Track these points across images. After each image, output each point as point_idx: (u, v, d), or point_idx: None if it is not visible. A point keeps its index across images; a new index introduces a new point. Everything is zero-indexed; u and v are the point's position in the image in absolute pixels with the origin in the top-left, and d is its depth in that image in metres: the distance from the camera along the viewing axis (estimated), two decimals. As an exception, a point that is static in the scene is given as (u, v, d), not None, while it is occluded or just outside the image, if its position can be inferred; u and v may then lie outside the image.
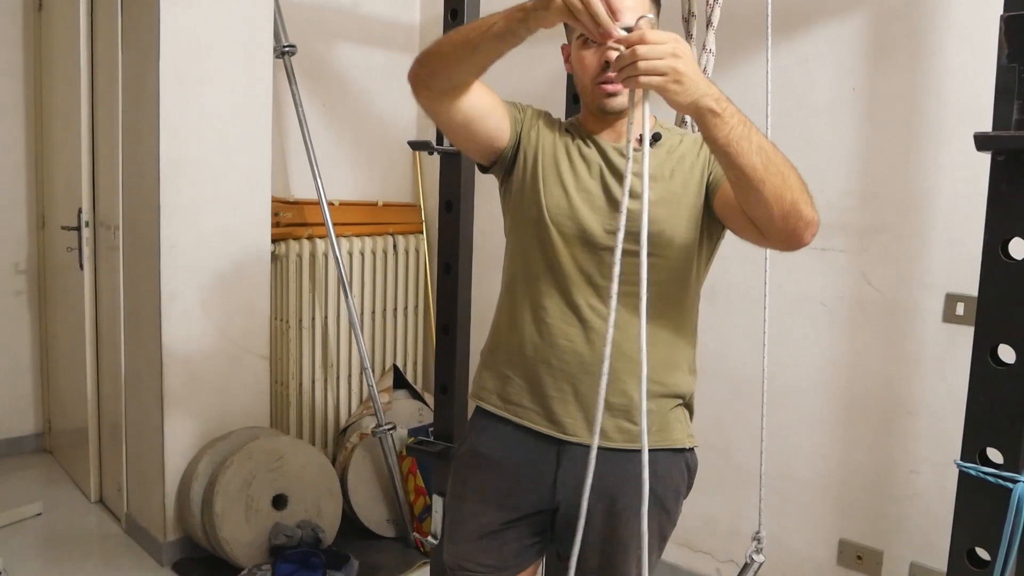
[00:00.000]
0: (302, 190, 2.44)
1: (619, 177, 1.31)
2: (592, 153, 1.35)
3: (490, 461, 1.31)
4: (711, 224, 1.31)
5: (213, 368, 2.26)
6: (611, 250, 1.28)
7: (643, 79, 0.95)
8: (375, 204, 2.68)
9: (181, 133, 2.12)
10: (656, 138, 1.36)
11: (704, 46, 1.66)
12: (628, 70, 0.96)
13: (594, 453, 0.98)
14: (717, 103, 1.00)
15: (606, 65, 1.25)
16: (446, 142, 1.80)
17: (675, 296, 1.30)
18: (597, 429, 0.97)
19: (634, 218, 1.23)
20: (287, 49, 2.30)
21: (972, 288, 1.86)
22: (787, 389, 2.11)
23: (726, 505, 2.27)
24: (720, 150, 1.03)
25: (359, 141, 2.68)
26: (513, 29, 1.09)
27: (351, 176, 2.67)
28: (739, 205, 1.14)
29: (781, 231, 1.08)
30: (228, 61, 2.19)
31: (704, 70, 1.68)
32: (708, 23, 1.67)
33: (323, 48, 2.55)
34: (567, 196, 1.30)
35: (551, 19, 1.03)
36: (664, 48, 0.96)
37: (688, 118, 1.67)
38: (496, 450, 1.31)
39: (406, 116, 2.80)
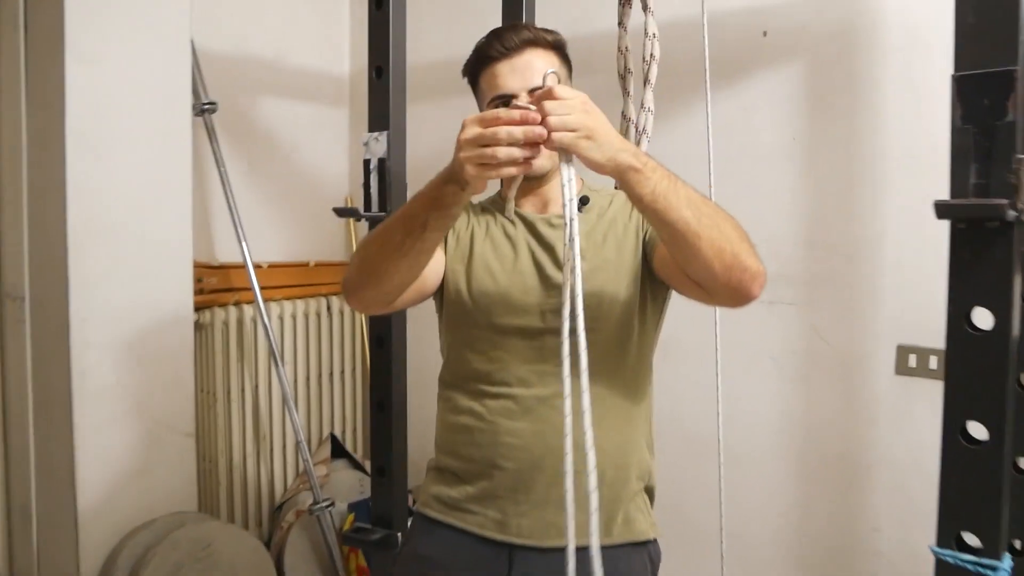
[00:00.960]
0: (227, 254, 2.30)
1: (550, 251, 1.23)
2: (517, 230, 1.27)
3: (435, 566, 1.19)
4: (654, 286, 1.23)
5: (132, 450, 2.09)
6: (552, 332, 1.19)
7: (554, 135, 0.88)
8: (306, 264, 2.55)
9: (91, 198, 1.97)
10: (583, 202, 1.28)
11: (642, 104, 1.60)
12: (544, 123, 0.88)
13: (572, 550, 0.85)
14: (636, 158, 0.93)
15: None
16: (376, 206, 1.70)
17: (623, 369, 1.22)
18: (571, 526, 0.84)
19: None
20: (207, 106, 2.18)
21: (923, 339, 1.83)
22: (741, 446, 2.04)
23: (682, 568, 2.17)
24: (647, 208, 0.95)
25: (287, 199, 2.56)
26: (436, 220, 1.02)
27: (280, 236, 2.54)
28: (678, 264, 1.07)
29: (726, 287, 1.01)
30: (143, 121, 2.05)
31: (643, 128, 1.62)
32: (645, 80, 1.61)
33: (247, 103, 2.44)
34: (495, 283, 1.22)
35: (476, 186, 0.96)
36: (572, 103, 0.89)
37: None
38: (440, 554, 1.19)
39: (336, 170, 2.70)
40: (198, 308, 2.24)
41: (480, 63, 1.24)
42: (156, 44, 2.08)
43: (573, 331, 0.86)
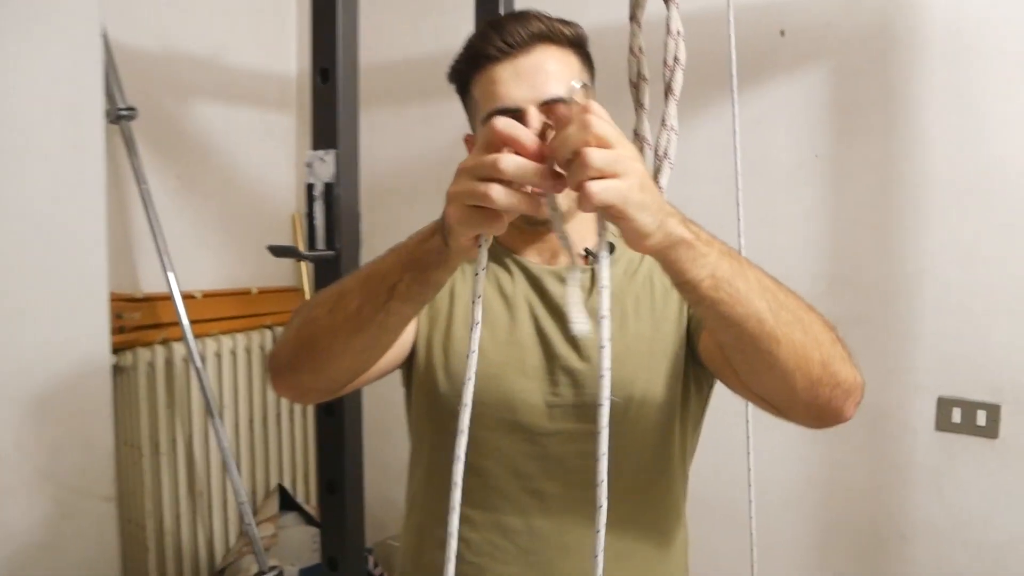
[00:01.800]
0: (154, 284, 1.96)
1: (560, 316, 0.92)
2: (515, 285, 0.96)
3: None
4: (699, 375, 0.95)
5: (38, 523, 1.76)
6: (562, 436, 0.89)
7: (593, 188, 0.56)
8: (248, 292, 2.22)
9: (-22, 225, 1.63)
10: (609, 251, 0.98)
11: (663, 121, 1.30)
12: (576, 169, 0.57)
13: None
14: (686, 227, 0.65)
15: None
16: (321, 242, 1.38)
17: (659, 488, 0.94)
18: None
19: (587, 383, 0.85)
20: (124, 112, 1.85)
21: (970, 391, 1.57)
22: (759, 509, 1.77)
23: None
24: (704, 299, 0.68)
25: (226, 217, 2.22)
26: (408, 286, 0.73)
27: (218, 260, 2.20)
28: (739, 375, 0.78)
29: (810, 406, 0.74)
30: (43, 130, 1.71)
31: (665, 153, 1.32)
32: (667, 91, 1.31)
33: (176, 108, 2.10)
34: (483, 360, 0.91)
35: (457, 241, 0.66)
36: (618, 141, 0.58)
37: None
38: None
39: (281, 184, 2.37)
40: (118, 349, 1.91)
41: (473, 65, 0.93)
42: (58, 39, 1.73)
43: (587, 436, 0.63)
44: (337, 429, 1.43)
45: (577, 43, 0.95)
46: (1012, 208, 1.52)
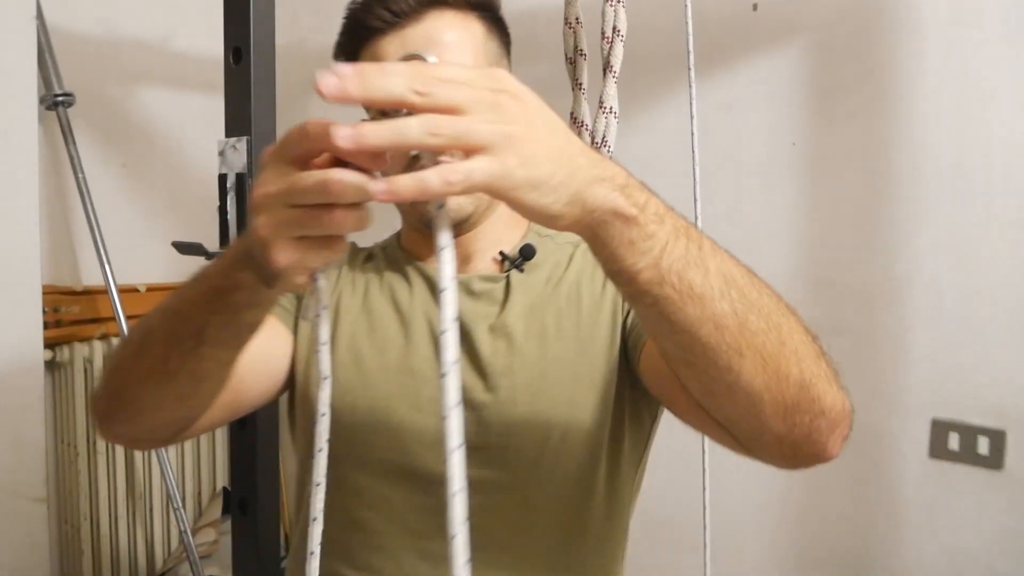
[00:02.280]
0: (95, 276, 1.87)
1: (465, 338, 0.78)
2: (413, 295, 0.82)
3: None
4: (638, 405, 0.80)
5: (-43, 525, 1.69)
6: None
7: (437, 174, 0.43)
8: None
9: None
10: (525, 255, 0.83)
11: (600, 102, 1.13)
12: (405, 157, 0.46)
13: None
14: (624, 194, 0.49)
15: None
16: (233, 238, 1.27)
17: (581, 547, 0.79)
18: None
19: (493, 421, 0.72)
20: (61, 98, 1.76)
21: (969, 414, 1.36)
22: (724, 538, 1.58)
23: None
24: (642, 296, 0.51)
25: (174, 206, 2.12)
26: (219, 330, 0.60)
27: (163, 252, 2.10)
28: (691, 394, 0.61)
29: (784, 440, 0.57)
30: (-32, 115, 1.63)
31: (603, 138, 1.16)
32: (606, 67, 1.15)
33: (121, 94, 2.00)
34: (367, 388, 0.78)
35: (290, 281, 0.52)
36: (471, 82, 0.44)
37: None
38: None
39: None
40: (52, 344, 1.83)
41: (355, 39, 0.80)
42: (-14, 20, 1.65)
43: (492, 486, 0.63)
44: (249, 443, 1.30)
45: (481, 4, 0.80)
46: (1017, 202, 1.32)
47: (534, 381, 0.77)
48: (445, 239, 0.47)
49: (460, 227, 0.82)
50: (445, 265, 0.46)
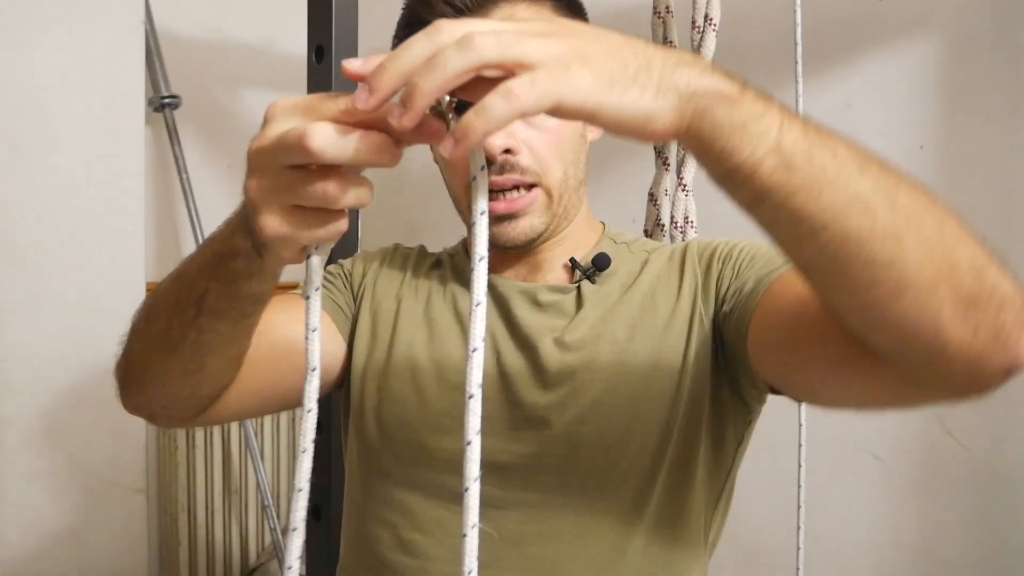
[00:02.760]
0: (198, 274, 1.93)
1: (529, 351, 0.74)
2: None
3: None
4: (722, 422, 0.75)
5: (64, 510, 1.77)
6: (524, 507, 0.72)
7: (498, 102, 0.39)
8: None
9: (15, 213, 1.65)
10: (600, 264, 0.78)
11: None
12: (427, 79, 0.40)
13: None
14: (717, 73, 0.43)
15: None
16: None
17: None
18: None
19: (555, 439, 0.71)
20: (168, 101, 1.81)
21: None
22: (823, 572, 1.47)
23: None
24: (770, 193, 0.43)
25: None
26: (218, 298, 0.57)
27: (269, 252, 2.16)
28: (828, 320, 0.54)
29: (967, 350, 0.47)
30: (81, 119, 1.71)
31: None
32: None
33: (226, 96, 2.05)
34: (422, 403, 0.76)
35: (281, 254, 0.50)
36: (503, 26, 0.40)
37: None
38: None
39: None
40: (156, 340, 1.89)
41: (413, 32, 0.76)
42: (99, 26, 1.72)
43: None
44: (324, 448, 1.28)
45: None
46: None
47: (603, 397, 0.72)
48: (482, 205, 0.42)
49: (531, 244, 0.77)
50: (478, 280, 0.42)
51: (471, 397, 0.43)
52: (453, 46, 0.38)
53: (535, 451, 0.71)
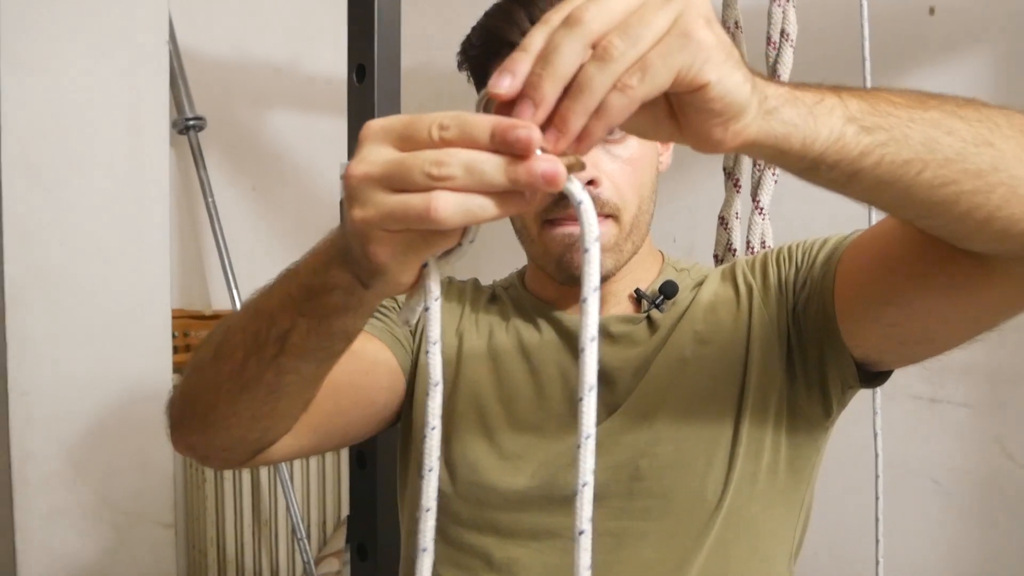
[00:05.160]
0: (225, 300, 1.88)
1: (607, 385, 0.72)
2: (543, 340, 0.75)
3: None
4: (813, 409, 0.73)
5: (90, 546, 1.72)
6: (605, 538, 0.68)
7: (616, 99, 0.38)
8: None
9: (36, 239, 1.60)
10: (669, 293, 0.75)
11: None
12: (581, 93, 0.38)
13: None
14: (772, 82, 0.45)
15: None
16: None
17: None
18: None
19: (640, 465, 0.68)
20: (192, 122, 1.77)
21: None
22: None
23: None
24: (863, 160, 0.45)
25: (303, 228, 2.12)
26: (307, 338, 0.54)
27: (294, 276, 2.12)
28: (934, 255, 0.56)
29: None
30: (104, 143, 1.67)
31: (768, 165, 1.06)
32: (772, 77, 1.04)
33: (251, 117, 2.01)
34: (494, 446, 0.74)
35: (397, 279, 0.46)
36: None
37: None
38: None
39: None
40: (182, 368, 1.83)
41: (490, 52, 0.72)
42: (122, 47, 1.68)
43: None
44: (369, 484, 1.24)
45: None
46: None
47: (678, 417, 0.70)
48: (589, 238, 0.40)
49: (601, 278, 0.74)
50: (589, 316, 0.41)
51: (584, 441, 0.41)
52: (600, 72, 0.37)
53: (603, 480, 0.69)
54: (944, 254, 0.54)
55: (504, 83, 0.37)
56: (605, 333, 0.74)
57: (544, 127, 0.38)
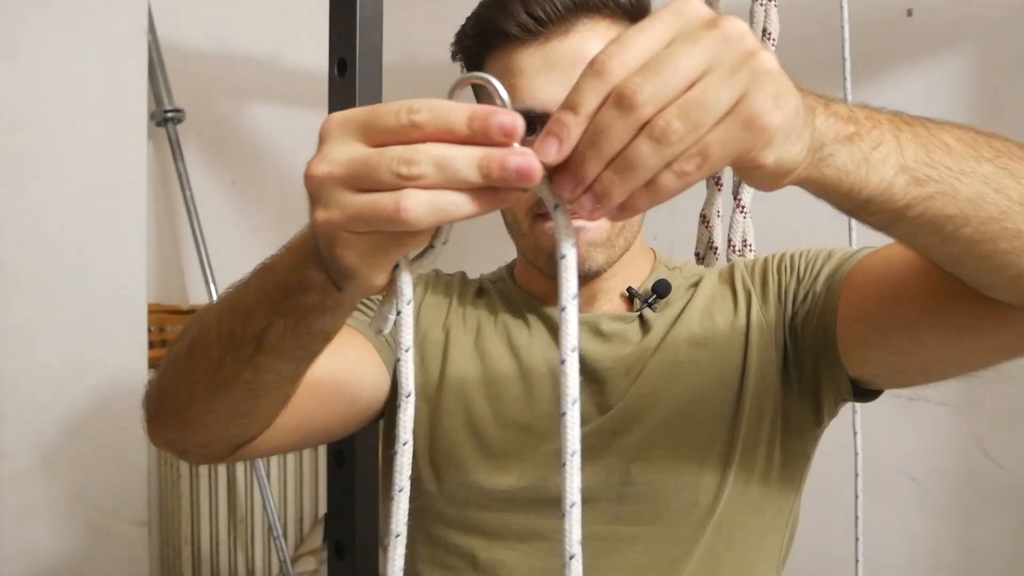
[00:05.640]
0: (202, 294, 1.86)
1: (598, 383, 0.72)
2: (532, 336, 0.75)
3: None
4: (805, 417, 0.73)
5: (63, 544, 1.69)
6: (594, 543, 0.68)
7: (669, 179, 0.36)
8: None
9: (9, 230, 1.57)
10: (660, 291, 0.75)
11: None
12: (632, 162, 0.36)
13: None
14: (831, 110, 0.42)
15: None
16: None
17: None
18: None
19: (630, 468, 0.68)
20: (171, 115, 1.75)
21: None
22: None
23: None
24: (909, 210, 0.45)
25: (282, 222, 2.10)
26: (282, 336, 0.51)
27: (273, 271, 2.10)
28: (952, 294, 0.55)
29: None
30: (81, 134, 1.64)
31: None
32: None
33: (231, 110, 1.99)
34: (480, 442, 0.73)
35: (367, 281, 0.43)
36: (729, 35, 0.36)
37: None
38: None
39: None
40: (158, 364, 1.81)
41: (486, 43, 0.71)
42: (101, 38, 1.65)
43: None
44: (347, 482, 1.23)
45: (638, 11, 0.70)
46: None
47: (671, 421, 0.69)
48: (565, 246, 0.39)
49: (592, 274, 0.73)
50: (569, 324, 0.39)
51: (569, 459, 0.40)
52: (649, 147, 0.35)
53: (594, 484, 0.68)
54: (963, 296, 0.54)
55: (551, 151, 0.36)
56: (596, 331, 0.74)
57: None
